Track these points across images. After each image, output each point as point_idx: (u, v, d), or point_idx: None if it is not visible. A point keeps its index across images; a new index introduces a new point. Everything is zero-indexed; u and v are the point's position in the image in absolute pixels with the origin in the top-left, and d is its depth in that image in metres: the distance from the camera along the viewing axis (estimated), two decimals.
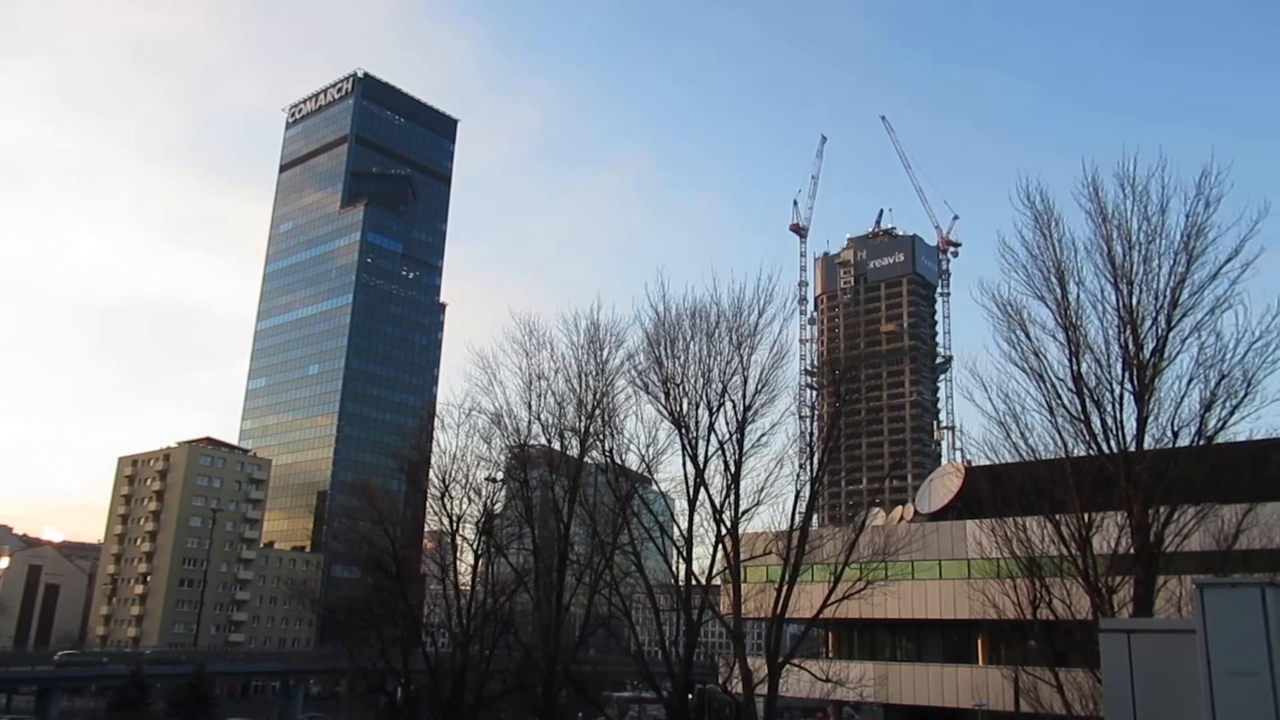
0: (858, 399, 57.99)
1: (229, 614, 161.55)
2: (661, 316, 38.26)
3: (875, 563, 38.82)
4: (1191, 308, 26.78)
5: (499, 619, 46.13)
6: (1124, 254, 27.52)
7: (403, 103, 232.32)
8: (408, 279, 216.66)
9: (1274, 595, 8.18)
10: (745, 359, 37.17)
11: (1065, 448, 28.28)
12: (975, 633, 56.93)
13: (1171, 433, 26.80)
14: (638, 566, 39.90)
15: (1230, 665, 8.12)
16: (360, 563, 59.23)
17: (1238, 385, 26.14)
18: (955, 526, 57.40)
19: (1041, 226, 29.00)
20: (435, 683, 46.78)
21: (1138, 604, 26.29)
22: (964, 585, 50.55)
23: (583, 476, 42.19)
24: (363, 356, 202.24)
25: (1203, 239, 26.71)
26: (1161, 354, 26.99)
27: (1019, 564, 29.99)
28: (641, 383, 38.68)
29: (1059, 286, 28.42)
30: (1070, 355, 27.96)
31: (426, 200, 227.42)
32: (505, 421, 43.34)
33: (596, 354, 40.77)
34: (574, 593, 44.26)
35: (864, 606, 41.77)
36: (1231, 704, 8.08)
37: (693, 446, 37.26)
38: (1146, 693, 9.35)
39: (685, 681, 38.44)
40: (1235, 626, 8.18)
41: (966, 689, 54.23)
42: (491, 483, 46.91)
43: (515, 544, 47.56)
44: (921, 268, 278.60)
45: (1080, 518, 27.58)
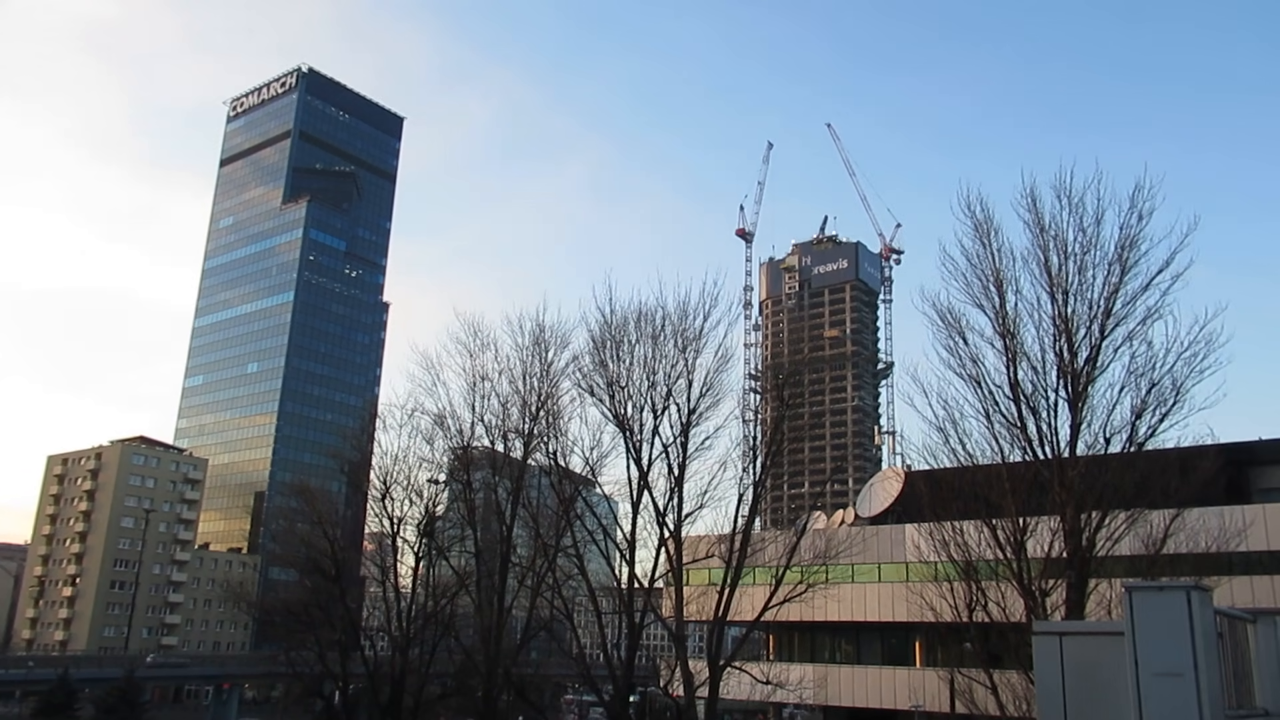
0: (801, 403, 58.57)
1: (162, 617, 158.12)
2: (608, 319, 38.29)
3: (816, 566, 39.17)
4: (1124, 318, 27.49)
5: (440, 622, 45.75)
6: (1060, 264, 28.16)
7: (348, 99, 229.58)
8: (350, 277, 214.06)
9: (1199, 598, 8.43)
10: (690, 363, 37.35)
11: (1002, 453, 28.82)
12: (913, 635, 57.80)
13: (1104, 439, 27.47)
14: (580, 569, 39.85)
15: (1157, 666, 8.35)
16: (298, 565, 58.39)
17: (1167, 394, 26.87)
18: (895, 530, 58.24)
19: (981, 236, 29.57)
20: (374, 686, 46.28)
21: (1070, 607, 26.87)
22: (902, 588, 51.30)
23: (526, 479, 42.03)
24: (303, 355, 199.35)
25: (1136, 250, 27.44)
26: (1095, 362, 27.64)
27: (956, 567, 30.49)
28: (586, 385, 38.67)
29: (997, 295, 28.99)
30: (1008, 363, 28.51)
31: (371, 198, 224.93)
32: (448, 423, 43.09)
33: (541, 356, 40.72)
34: (516, 595, 44.07)
35: (805, 609, 42.23)
36: (1157, 704, 8.31)
37: (637, 449, 37.32)
38: (1077, 693, 9.57)
39: (627, 684, 38.46)
40: (1162, 629, 8.42)
41: (904, 690, 55.03)
42: (433, 484, 46.57)
43: (457, 546, 47.25)
44: (865, 274, 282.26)
45: (1016, 522, 28.13)
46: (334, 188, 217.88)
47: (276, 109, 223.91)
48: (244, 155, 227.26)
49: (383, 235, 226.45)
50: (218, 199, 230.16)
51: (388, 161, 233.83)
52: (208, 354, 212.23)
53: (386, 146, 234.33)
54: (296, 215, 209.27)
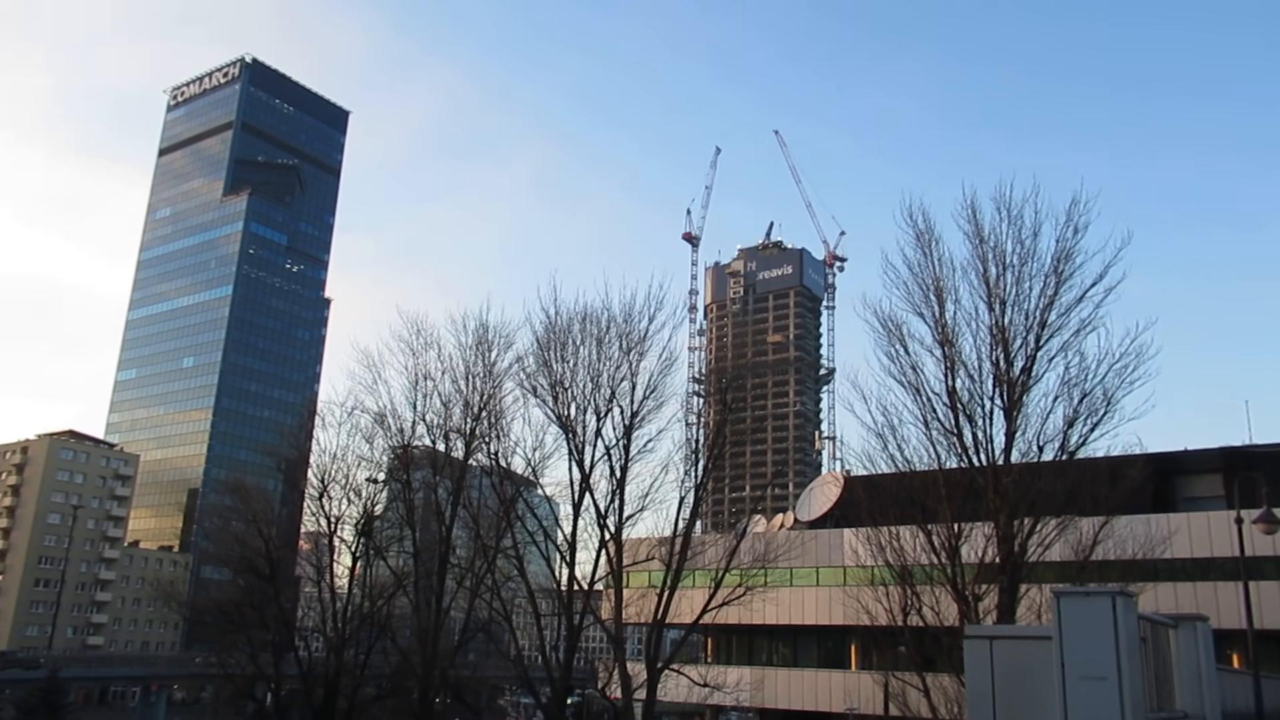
0: (743, 408, 58.92)
1: (88, 616, 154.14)
2: (552, 320, 38.21)
3: (755, 569, 39.43)
4: (1059, 329, 28.15)
5: (376, 623, 45.21)
6: (998, 275, 28.75)
7: (292, 91, 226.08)
8: (291, 272, 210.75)
9: (1124, 604, 8.65)
10: (634, 365, 37.40)
11: (939, 460, 29.29)
12: (849, 638, 58.37)
13: (1037, 448, 28.07)
14: (520, 571, 39.66)
15: (1082, 670, 8.55)
16: (232, 564, 57.28)
17: (1098, 404, 27.57)
18: (833, 534, 58.79)
19: (923, 245, 30.07)
20: (307, 688, 45.55)
21: (1001, 611, 27.38)
22: (840, 592, 51.72)
23: (467, 479, 41.73)
24: (241, 350, 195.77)
25: (1071, 263, 28.13)
26: (1030, 372, 28.24)
27: (892, 572, 30.91)
28: (530, 386, 38.54)
29: (937, 304, 29.49)
30: (946, 371, 29.01)
31: (314, 192, 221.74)
32: (389, 421, 42.64)
33: (485, 355, 40.50)
34: (454, 596, 43.73)
35: (743, 612, 42.43)
36: (1082, 707, 8.51)
37: (579, 451, 37.27)
38: (1006, 696, 9.74)
39: (565, 686, 38.36)
40: (1088, 633, 8.62)
41: (839, 693, 55.53)
42: (372, 484, 46.01)
43: (395, 546, 46.71)
44: (809, 281, 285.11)
45: (950, 528, 28.61)
46: (276, 181, 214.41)
47: (218, 99, 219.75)
48: (184, 145, 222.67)
49: (325, 230, 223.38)
50: (155, 189, 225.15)
51: (332, 156, 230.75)
52: (142, 347, 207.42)
53: (331, 140, 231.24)
54: (237, 208, 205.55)
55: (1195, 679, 12.78)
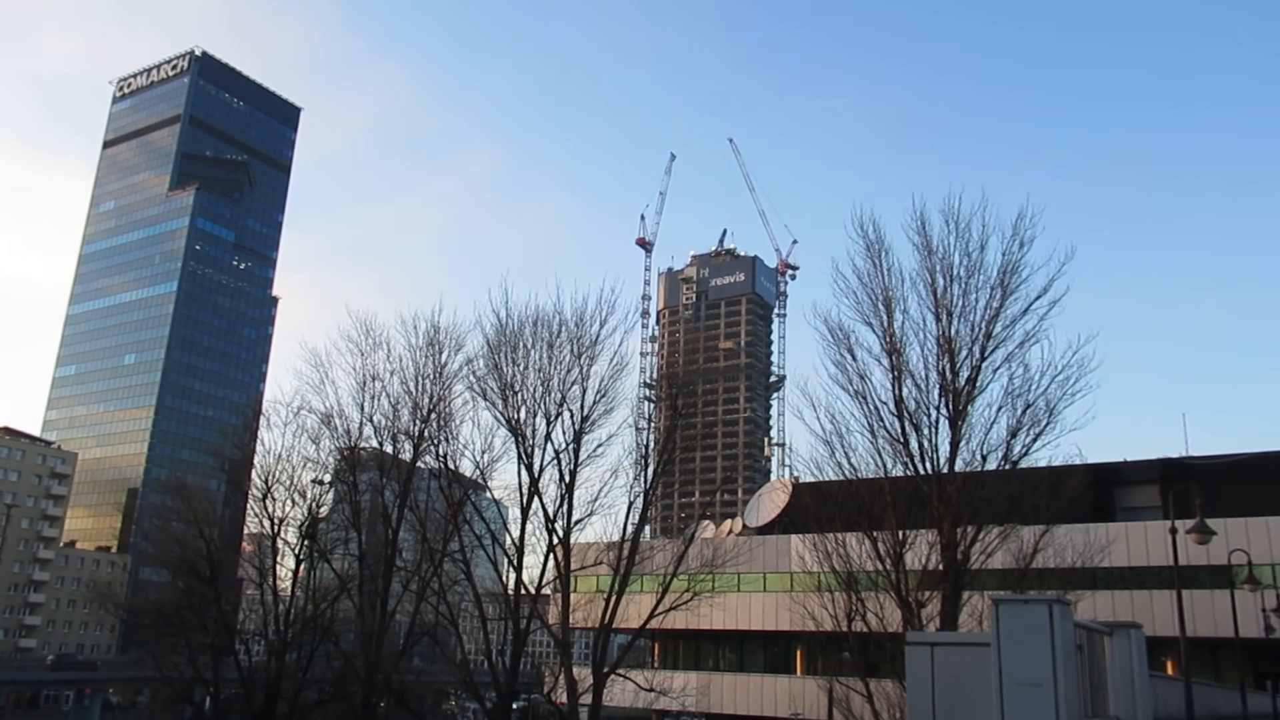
0: (694, 413, 59.10)
1: (20, 617, 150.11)
2: (503, 323, 38.09)
3: (703, 574, 39.56)
4: (1004, 340, 28.67)
5: (319, 626, 44.62)
6: (945, 286, 29.21)
7: (242, 85, 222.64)
8: (239, 269, 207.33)
9: (1060, 612, 8.82)
10: (585, 369, 37.38)
11: (885, 468, 29.67)
12: (795, 644, 58.81)
13: (981, 457, 28.55)
14: (467, 574, 39.39)
15: (1019, 676, 8.70)
16: (172, 565, 56.20)
17: (1041, 414, 28.12)
18: (780, 541, 59.19)
19: (872, 256, 30.48)
20: (247, 692, 44.82)
21: (944, 618, 27.78)
22: (786, 598, 52.13)
23: (415, 481, 41.38)
24: (185, 348, 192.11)
25: (1016, 276, 28.69)
26: (975, 382, 28.71)
27: (838, 578, 31.23)
28: (480, 388, 38.34)
29: (885, 313, 29.89)
30: (893, 380, 29.40)
31: (263, 188, 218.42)
32: (336, 422, 42.18)
33: (435, 357, 40.22)
34: (400, 600, 43.31)
35: (690, 617, 42.55)
36: (1018, 713, 8.66)
37: (528, 455, 37.16)
38: (946, 702, 9.88)
39: (510, 691, 38.13)
40: (1025, 641, 8.78)
41: (784, 698, 55.90)
42: (318, 485, 45.46)
43: (340, 549, 46.20)
44: (761, 288, 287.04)
45: (896, 535, 28.97)
46: (225, 176, 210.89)
47: (166, 92, 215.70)
48: (130, 138, 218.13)
49: (274, 228, 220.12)
50: (100, 181, 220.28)
51: (282, 152, 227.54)
52: (82, 343, 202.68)
53: (282, 137, 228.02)
54: (184, 203, 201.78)
55: (1129, 685, 13.09)
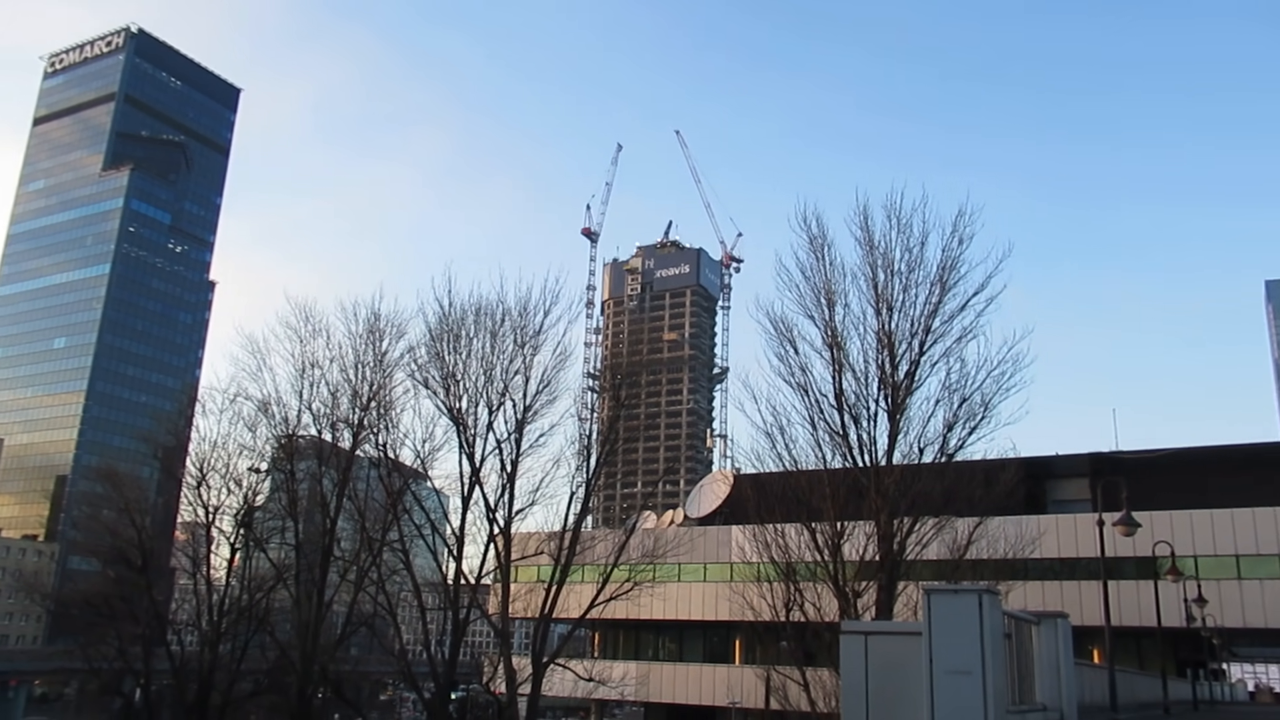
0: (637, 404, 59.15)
1: None
2: (446, 311, 37.86)
3: (644, 564, 39.72)
4: (942, 335, 29.14)
5: (254, 616, 43.97)
6: (886, 281, 29.59)
7: (180, 64, 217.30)
8: (174, 252, 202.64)
9: (990, 601, 9.03)
10: (528, 359, 37.32)
11: (824, 460, 29.99)
12: (734, 634, 59.26)
13: (918, 449, 29.01)
14: (406, 564, 39.10)
15: (949, 665, 8.91)
16: (102, 554, 55.04)
17: (977, 409, 28.66)
18: (721, 531, 59.58)
19: (815, 250, 30.75)
20: (179, 683, 44.04)
21: (880, 608, 28.22)
22: (726, 588, 52.50)
23: (354, 470, 40.95)
24: (118, 332, 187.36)
25: (955, 273, 29.16)
26: (914, 376, 29.14)
27: (777, 568, 31.54)
28: (421, 377, 38.06)
29: (827, 307, 30.19)
30: (834, 373, 29.72)
31: (201, 170, 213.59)
32: (273, 410, 41.55)
33: (376, 345, 39.83)
34: (337, 590, 42.86)
35: (631, 607, 42.69)
36: (948, 700, 8.87)
37: (470, 444, 36.99)
38: (879, 690, 10.06)
39: (449, 681, 37.99)
40: (955, 629, 8.99)
41: (723, 688, 56.35)
42: (254, 473, 44.74)
43: (277, 538, 45.57)
44: (705, 280, 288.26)
45: (834, 526, 29.34)
46: (161, 157, 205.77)
47: (101, 69, 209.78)
48: (62, 115, 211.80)
49: (212, 210, 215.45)
50: (29, 159, 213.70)
51: (221, 134, 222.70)
52: (10, 325, 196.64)
53: (220, 118, 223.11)
54: (118, 183, 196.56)
55: (1055, 673, 13.47)
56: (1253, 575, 49.99)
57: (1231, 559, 50.47)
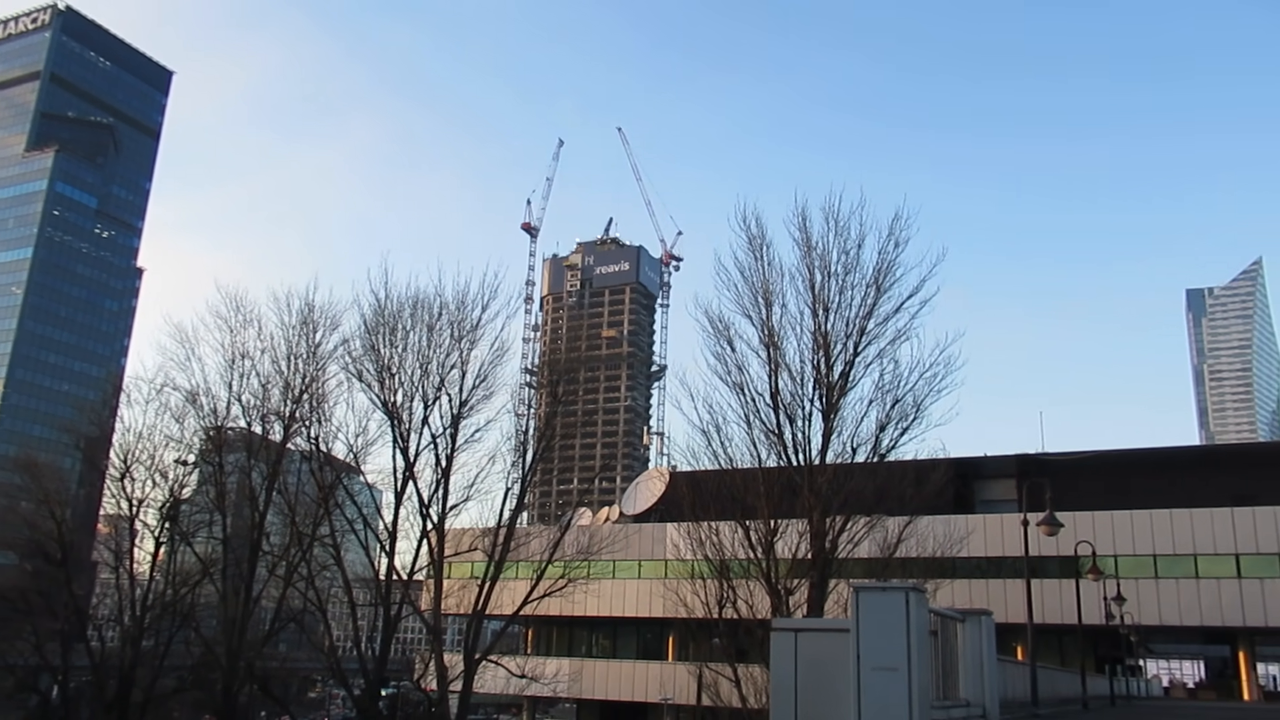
0: (574, 401, 59.06)
1: None
2: (382, 303, 37.49)
3: (579, 561, 39.72)
4: (876, 337, 29.59)
5: (179, 612, 42.99)
6: (823, 282, 29.94)
7: (109, 44, 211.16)
8: (101, 237, 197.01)
9: (916, 599, 9.21)
10: (465, 353, 37.10)
11: (759, 458, 30.26)
12: (667, 630, 59.57)
13: (851, 449, 29.43)
14: (337, 560, 38.57)
15: (876, 661, 9.06)
16: (19, 547, 53.33)
17: (909, 409, 29.14)
18: (656, 528, 59.82)
19: (754, 250, 31.01)
20: (99, 680, 42.86)
21: (811, 605, 28.56)
22: (660, 585, 52.78)
23: (284, 463, 40.28)
24: (40, 318, 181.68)
25: (891, 275, 29.62)
26: (848, 377, 29.54)
27: (711, 565, 31.76)
28: (355, 370, 37.61)
29: (765, 307, 30.46)
30: (770, 372, 30.01)
31: (130, 154, 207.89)
32: (202, 401, 40.65)
33: (309, 336, 39.25)
34: (265, 585, 42.11)
35: (565, 604, 42.65)
36: (874, 696, 9.02)
37: (404, 439, 36.64)
38: (808, 687, 10.18)
39: (379, 678, 37.56)
40: (882, 626, 9.15)
41: (656, 684, 56.60)
42: (181, 465, 43.70)
43: (204, 532, 44.54)
44: (645, 278, 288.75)
45: (768, 524, 29.61)
46: (88, 139, 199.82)
47: (25, 46, 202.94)
48: None
49: (141, 195, 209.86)
50: None
51: (151, 117, 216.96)
52: None
53: (151, 101, 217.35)
54: (41, 165, 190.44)
55: (978, 669, 13.78)
56: (1169, 575, 51.68)
57: (1149, 559, 52.13)
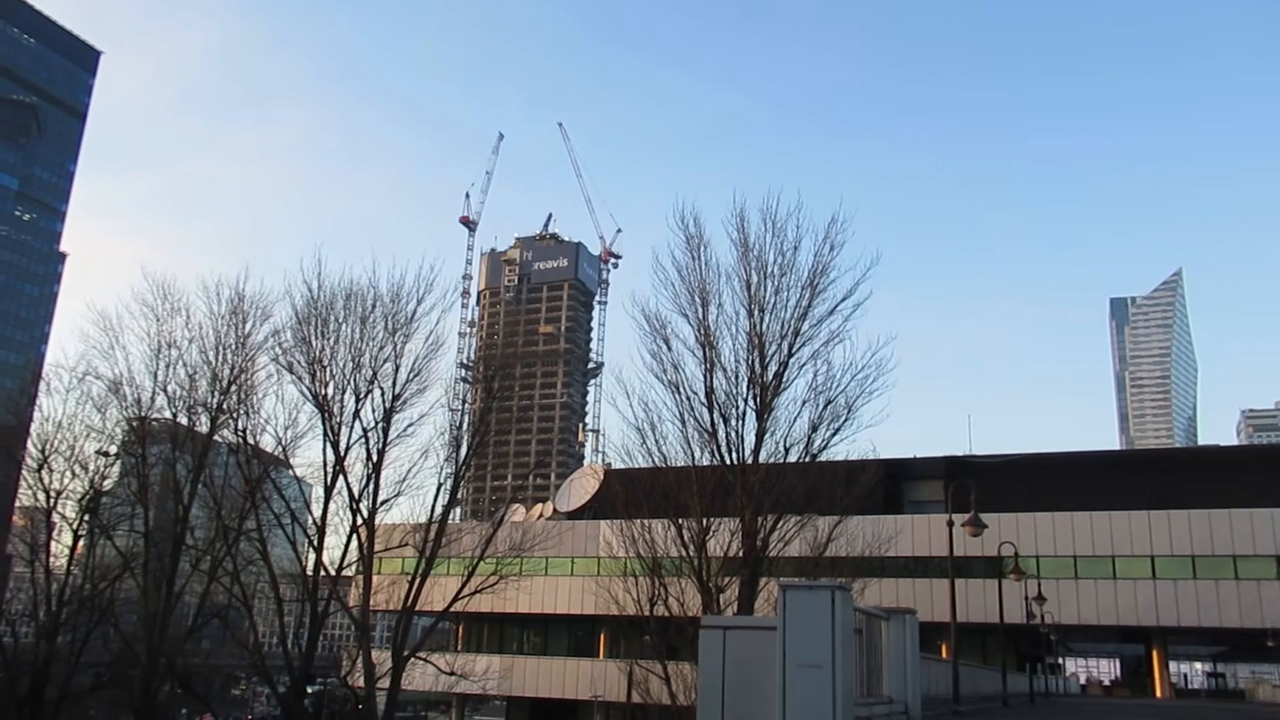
0: (510, 396, 58.78)
1: None
2: (315, 294, 36.90)
3: (511, 558, 39.54)
4: (810, 338, 29.92)
5: (97, 607, 41.80)
6: (759, 283, 30.18)
7: (32, 20, 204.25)
8: (22, 220, 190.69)
9: (842, 597, 9.35)
10: (399, 347, 36.71)
11: (694, 457, 30.41)
12: (599, 628, 59.63)
13: (784, 449, 29.70)
14: (263, 554, 37.85)
15: (801, 659, 9.18)
16: None
17: (841, 411, 29.52)
18: (590, 526, 59.84)
19: (692, 249, 31.15)
20: (10, 677, 41.51)
21: (742, 603, 28.80)
22: (593, 582, 52.83)
23: (211, 456, 39.41)
24: None
25: (826, 277, 29.99)
26: (782, 378, 29.83)
27: (643, 563, 31.88)
28: (286, 361, 36.97)
29: (701, 306, 30.62)
30: (706, 371, 30.17)
31: (54, 135, 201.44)
32: (125, 390, 39.56)
33: (239, 326, 38.45)
34: (188, 580, 41.18)
35: (497, 601, 42.47)
36: (799, 693, 9.14)
37: (335, 432, 36.13)
38: (735, 684, 10.27)
39: (305, 675, 37.00)
40: (808, 624, 9.27)
41: (586, 682, 56.63)
42: (103, 456, 42.47)
43: (125, 525, 43.36)
44: (583, 274, 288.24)
45: (700, 522, 29.78)
46: (9, 118, 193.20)
47: None
48: None
49: (65, 178, 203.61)
50: None
51: (77, 97, 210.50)
52: None
53: (77, 80, 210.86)
54: None
55: (902, 667, 14.05)
56: (1088, 575, 53.17)
57: (1070, 559, 53.58)
